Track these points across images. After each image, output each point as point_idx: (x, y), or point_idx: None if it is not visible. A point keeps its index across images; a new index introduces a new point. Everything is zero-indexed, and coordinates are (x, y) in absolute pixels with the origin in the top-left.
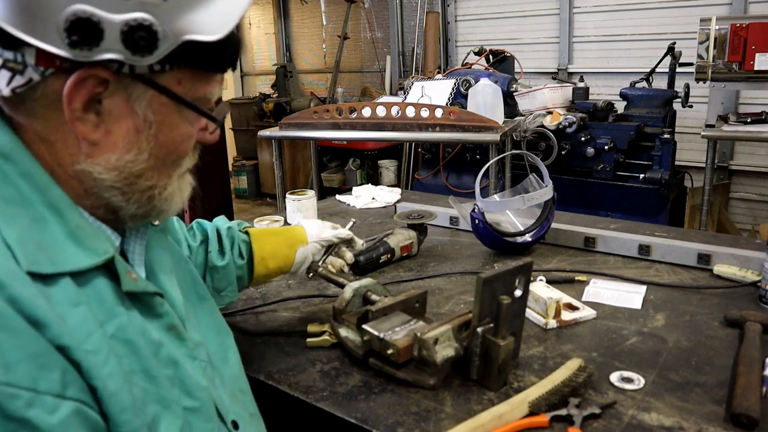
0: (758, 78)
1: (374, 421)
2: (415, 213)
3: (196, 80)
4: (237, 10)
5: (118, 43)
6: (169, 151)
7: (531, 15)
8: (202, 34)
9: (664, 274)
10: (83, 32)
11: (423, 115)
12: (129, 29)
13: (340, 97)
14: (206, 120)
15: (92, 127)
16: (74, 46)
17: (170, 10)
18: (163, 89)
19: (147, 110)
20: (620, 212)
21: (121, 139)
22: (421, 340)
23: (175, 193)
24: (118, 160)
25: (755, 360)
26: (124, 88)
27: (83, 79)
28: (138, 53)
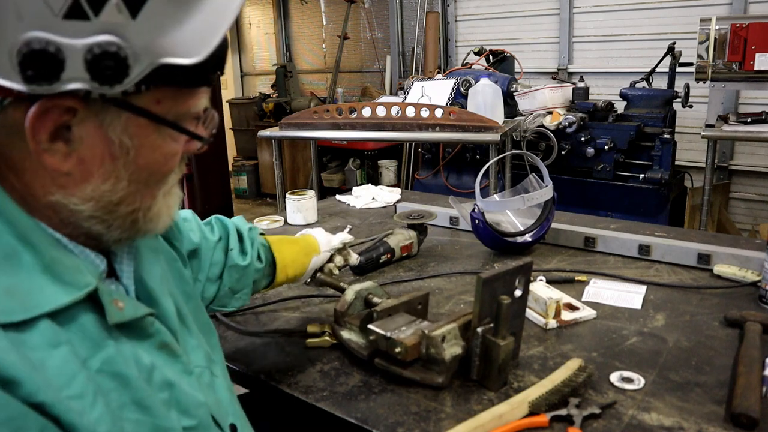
0: (758, 78)
1: (374, 421)
2: (415, 213)
3: (178, 97)
4: (218, 27)
5: (83, 72)
6: (151, 172)
7: (531, 15)
8: (179, 56)
9: (664, 274)
10: (39, 66)
11: (423, 115)
12: (93, 57)
13: (340, 97)
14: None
15: (62, 158)
16: (30, 81)
17: (141, 29)
18: (140, 110)
19: (123, 135)
20: (620, 212)
21: (96, 169)
22: (429, 338)
23: (162, 210)
24: (94, 191)
25: (755, 360)
26: (95, 114)
27: (47, 110)
28: (106, 83)
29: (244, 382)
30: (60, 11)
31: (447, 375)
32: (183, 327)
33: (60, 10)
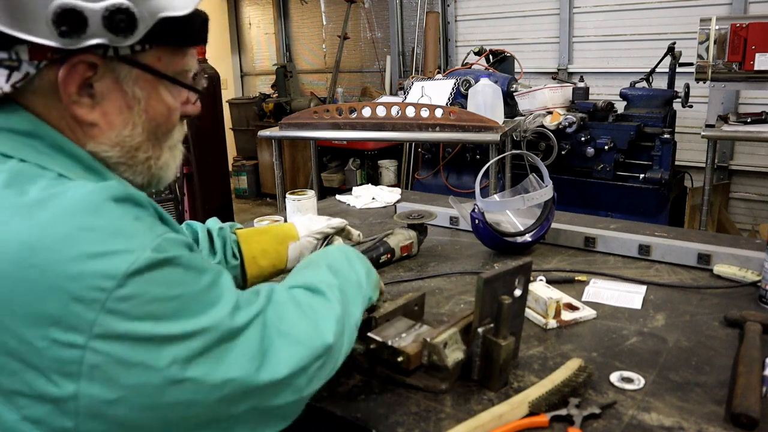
0: (758, 78)
1: (374, 421)
2: (415, 213)
3: (173, 55)
4: None
5: (101, 29)
6: (158, 123)
7: (531, 15)
8: (173, 10)
9: (664, 274)
10: (70, 22)
11: (423, 115)
12: (109, 14)
13: (340, 97)
14: (187, 92)
15: (88, 109)
16: (63, 35)
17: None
18: (146, 67)
19: (134, 87)
20: (620, 212)
21: (117, 117)
22: (431, 345)
23: (169, 161)
24: (118, 136)
25: (755, 360)
26: (112, 70)
27: (74, 65)
28: (120, 34)
29: None
30: None
31: (450, 381)
32: None
33: None
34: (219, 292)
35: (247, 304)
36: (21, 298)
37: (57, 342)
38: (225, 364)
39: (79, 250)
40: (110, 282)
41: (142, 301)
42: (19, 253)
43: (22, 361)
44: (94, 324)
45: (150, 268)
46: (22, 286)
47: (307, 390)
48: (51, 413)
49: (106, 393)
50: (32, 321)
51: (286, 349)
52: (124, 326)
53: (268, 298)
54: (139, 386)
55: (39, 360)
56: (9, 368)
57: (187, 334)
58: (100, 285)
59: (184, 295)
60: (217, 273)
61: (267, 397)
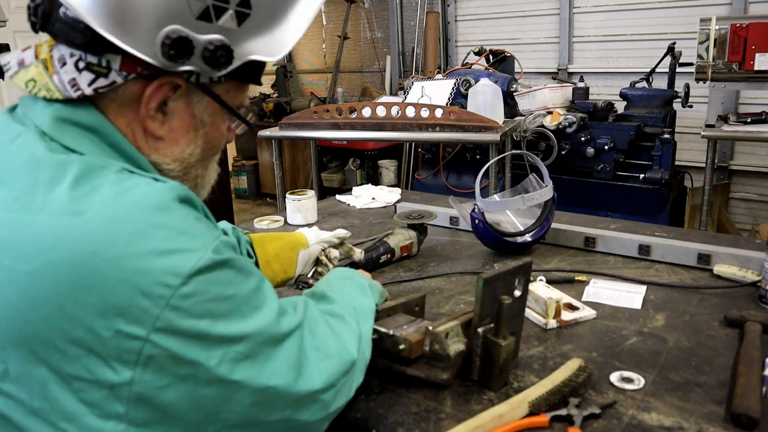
0: (758, 78)
1: (374, 421)
2: (415, 213)
3: (238, 90)
4: (293, 36)
5: (200, 59)
6: (212, 146)
7: (531, 15)
8: (263, 55)
9: (664, 274)
10: (180, 48)
11: (423, 115)
12: (214, 48)
13: (340, 97)
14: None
15: (159, 124)
16: (170, 59)
17: (242, 34)
18: (217, 97)
19: (203, 113)
20: (620, 212)
21: (182, 135)
22: (433, 334)
23: (209, 180)
24: (181, 153)
25: (755, 360)
26: (188, 94)
27: (163, 85)
28: (215, 68)
29: None
30: (196, 13)
31: (452, 371)
32: None
33: (196, 12)
34: (264, 296)
35: (288, 312)
36: (91, 289)
37: (121, 333)
38: (268, 370)
39: (149, 246)
40: (176, 279)
41: (202, 299)
42: (91, 245)
43: (86, 348)
44: (158, 319)
45: (211, 269)
46: (92, 278)
47: (333, 405)
48: (106, 398)
49: (157, 381)
50: (100, 312)
51: (320, 362)
52: (183, 323)
53: (305, 310)
54: (187, 380)
55: (102, 348)
56: (72, 354)
57: (236, 336)
58: (166, 281)
59: (237, 296)
60: (260, 278)
61: (299, 409)
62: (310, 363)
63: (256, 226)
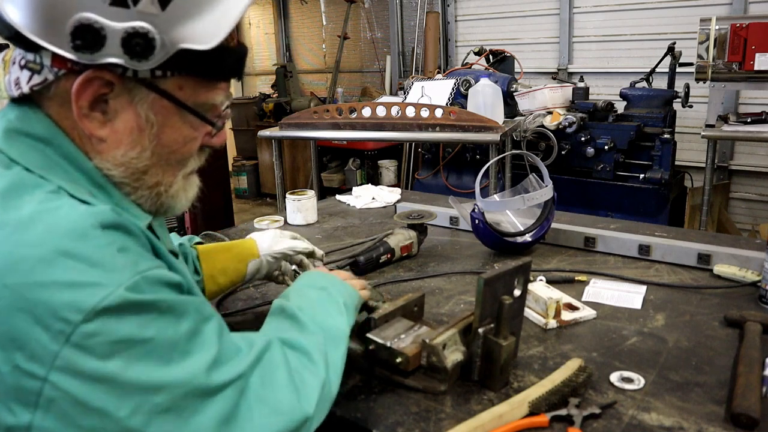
0: (758, 78)
1: (374, 421)
2: (415, 213)
3: (198, 87)
4: (229, 20)
5: (118, 49)
6: (171, 150)
7: (531, 15)
8: (195, 43)
9: (664, 274)
10: (86, 38)
11: (423, 115)
12: (127, 36)
13: (340, 97)
14: (217, 122)
15: (98, 125)
16: (78, 49)
17: (167, 20)
18: (164, 93)
19: (149, 111)
20: (620, 212)
21: (126, 137)
22: (429, 347)
23: (180, 191)
24: (123, 156)
25: (755, 360)
26: (128, 91)
27: (90, 80)
28: (135, 58)
29: None
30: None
31: (449, 382)
32: None
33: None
34: (200, 341)
35: (231, 360)
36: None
37: (19, 369)
38: (192, 426)
39: (54, 276)
40: (77, 315)
41: (108, 340)
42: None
43: None
44: (57, 356)
45: (121, 308)
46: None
47: None
48: None
49: (59, 429)
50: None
51: (262, 419)
52: (87, 364)
53: (259, 356)
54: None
55: (1, 385)
56: None
57: (153, 385)
58: (66, 316)
59: (157, 340)
60: (202, 319)
61: None
62: (250, 418)
63: (256, 226)
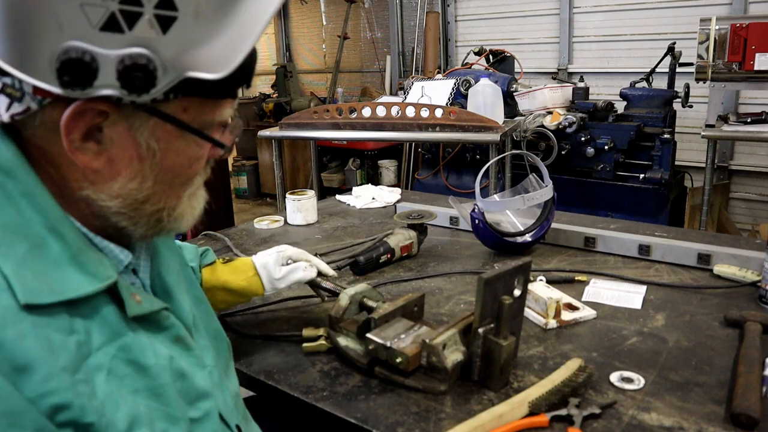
0: (758, 78)
1: (374, 421)
2: (415, 213)
3: (203, 106)
4: (243, 45)
5: (114, 80)
6: (176, 174)
7: (531, 15)
8: (205, 71)
9: (664, 274)
10: (75, 72)
11: (423, 115)
12: (124, 68)
13: (340, 97)
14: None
15: (93, 156)
16: (66, 86)
17: (170, 44)
18: (167, 117)
19: (150, 139)
20: (620, 212)
21: (124, 168)
22: (429, 347)
23: (186, 211)
24: (121, 188)
25: (755, 360)
26: (125, 118)
27: (81, 112)
28: (134, 92)
29: (243, 383)
30: (98, 23)
31: (449, 382)
32: (194, 326)
33: (98, 23)
34: None
35: None
36: None
37: None
38: None
39: None
40: None
41: None
42: None
43: None
44: None
45: None
46: None
47: None
48: None
49: None
50: None
51: None
52: None
53: None
54: None
55: None
56: None
57: None
58: None
59: None
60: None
61: None
62: None
63: (256, 226)
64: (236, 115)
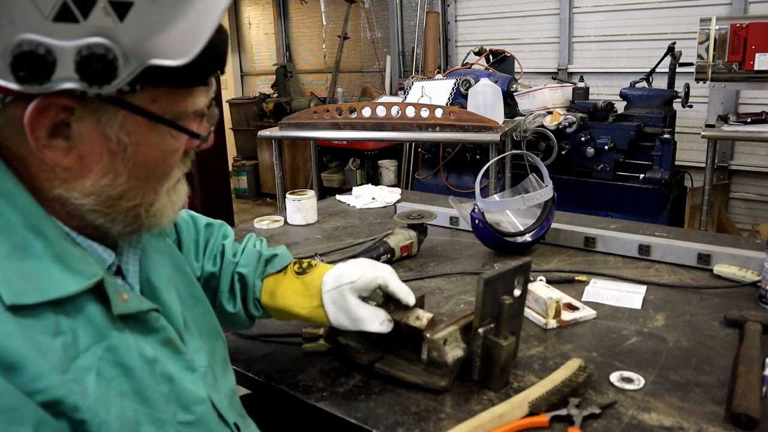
0: (758, 78)
1: (374, 421)
2: (415, 213)
3: (174, 96)
4: (205, 28)
5: (73, 72)
6: (151, 169)
7: (531, 15)
8: (167, 58)
9: (664, 274)
10: (31, 66)
11: (423, 115)
12: (81, 59)
13: (340, 97)
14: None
15: (62, 153)
16: (23, 81)
17: (129, 31)
18: (136, 108)
19: (120, 132)
20: (620, 212)
21: (95, 164)
22: (431, 341)
23: (166, 206)
24: (93, 185)
25: (755, 360)
26: (92, 113)
27: (44, 108)
28: (95, 83)
29: (243, 383)
30: (50, 14)
31: (450, 378)
32: (186, 329)
33: (50, 13)
34: None
35: None
36: None
37: None
38: None
39: None
40: None
41: None
42: None
43: None
44: None
45: None
46: None
47: None
48: None
49: None
50: None
51: None
52: None
53: None
54: None
55: None
56: None
57: None
58: None
59: None
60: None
61: None
62: None
63: (256, 226)
64: (212, 104)
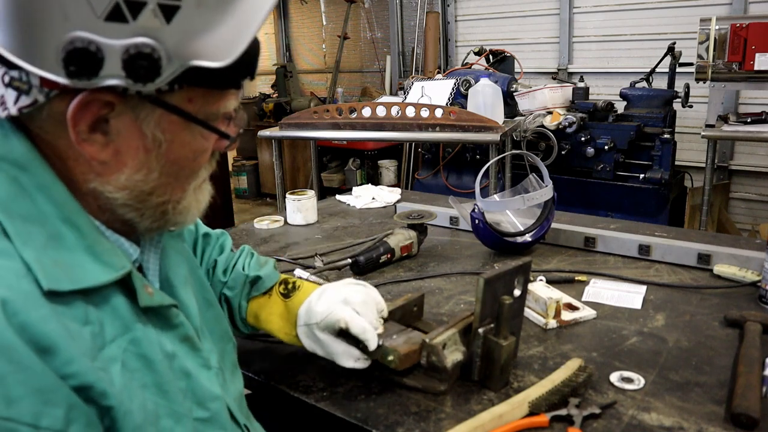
0: (758, 78)
1: (374, 421)
2: (415, 213)
3: (209, 97)
4: (246, 33)
5: (119, 70)
6: (181, 167)
7: (531, 15)
8: (208, 59)
9: (664, 274)
10: (81, 62)
11: (423, 115)
12: (129, 57)
13: (340, 97)
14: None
15: (100, 148)
16: (72, 76)
17: (174, 33)
18: (173, 108)
19: (156, 130)
20: (620, 212)
21: (131, 159)
22: (429, 346)
23: (192, 204)
24: (127, 180)
25: (755, 360)
26: (131, 109)
27: (87, 103)
28: (140, 81)
29: (243, 382)
30: (102, 13)
31: (449, 382)
32: (202, 330)
33: (102, 13)
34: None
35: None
36: None
37: None
38: None
39: None
40: None
41: None
42: None
43: None
44: None
45: None
46: None
47: None
48: None
49: None
50: None
51: None
52: None
53: None
54: None
55: None
56: None
57: None
58: None
59: None
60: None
61: None
62: None
63: (256, 226)
64: (240, 107)
